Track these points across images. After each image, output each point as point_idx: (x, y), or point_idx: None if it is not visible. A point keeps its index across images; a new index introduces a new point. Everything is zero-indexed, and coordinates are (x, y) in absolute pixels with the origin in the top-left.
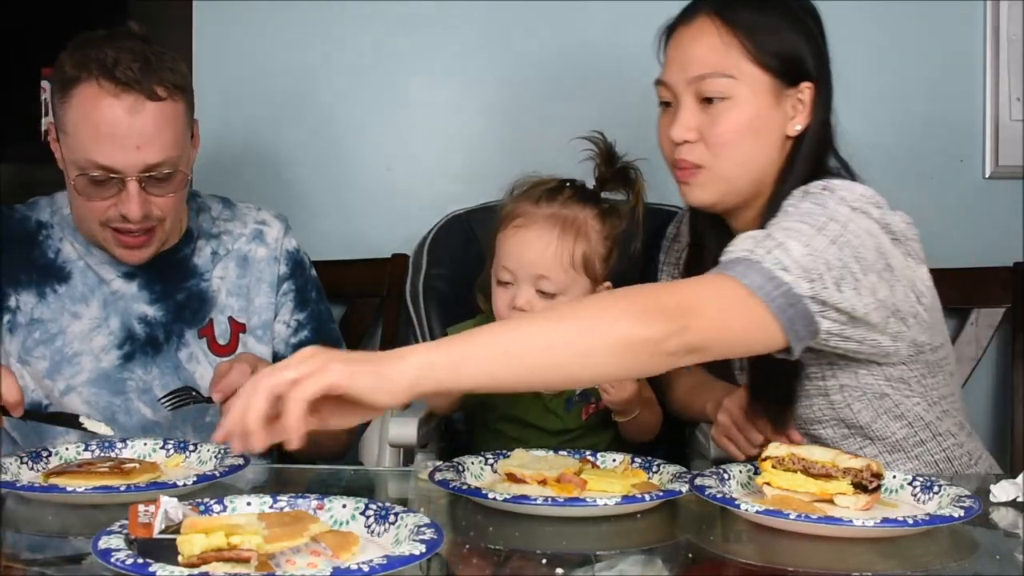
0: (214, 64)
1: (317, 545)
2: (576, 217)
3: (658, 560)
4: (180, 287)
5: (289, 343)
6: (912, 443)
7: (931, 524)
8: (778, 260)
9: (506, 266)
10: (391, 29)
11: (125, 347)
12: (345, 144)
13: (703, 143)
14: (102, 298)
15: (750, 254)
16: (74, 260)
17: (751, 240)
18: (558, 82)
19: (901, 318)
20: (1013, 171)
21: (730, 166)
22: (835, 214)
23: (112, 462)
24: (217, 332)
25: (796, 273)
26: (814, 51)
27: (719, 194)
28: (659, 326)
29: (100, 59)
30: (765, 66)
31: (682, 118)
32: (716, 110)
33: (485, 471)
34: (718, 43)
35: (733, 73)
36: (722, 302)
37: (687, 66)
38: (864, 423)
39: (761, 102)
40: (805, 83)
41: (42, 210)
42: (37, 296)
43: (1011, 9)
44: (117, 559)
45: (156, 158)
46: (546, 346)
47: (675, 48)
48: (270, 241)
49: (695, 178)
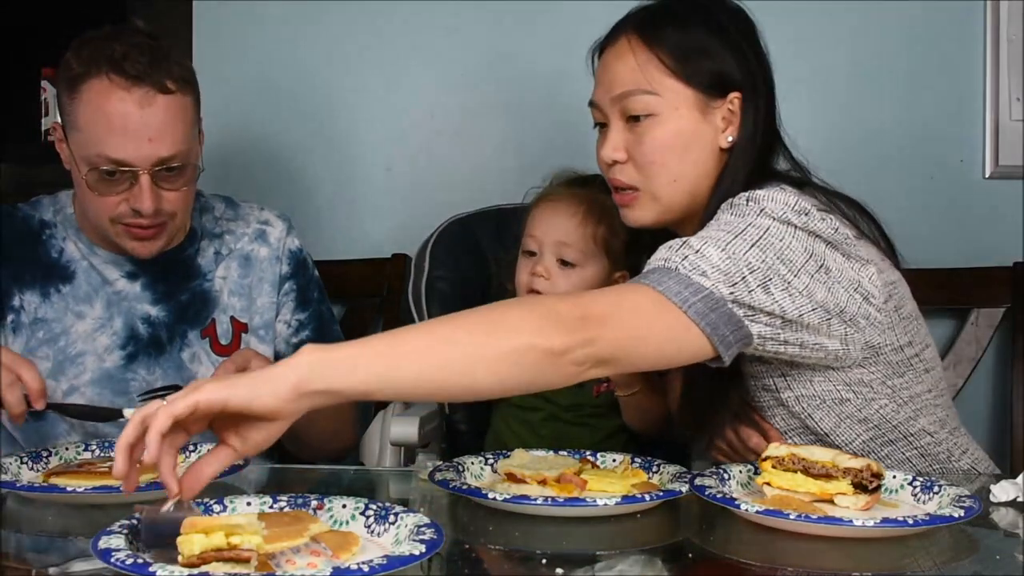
0: (214, 64)
1: (317, 545)
2: (604, 201)
3: (658, 560)
4: (183, 287)
5: (290, 343)
6: (879, 443)
7: (931, 524)
8: (695, 265)
9: (533, 234)
10: (391, 29)
11: (128, 347)
12: (345, 144)
13: (632, 163)
14: (105, 298)
15: (666, 262)
16: (77, 260)
17: (667, 249)
18: (558, 83)
19: (847, 320)
20: (1013, 171)
21: (661, 184)
22: (754, 221)
23: (112, 462)
24: (219, 332)
25: (715, 278)
26: (740, 60)
27: (656, 213)
28: (562, 337)
29: (108, 54)
30: (687, 81)
31: (610, 138)
32: (642, 128)
33: (485, 471)
34: (638, 61)
35: (655, 89)
36: (636, 312)
37: (611, 86)
38: (827, 430)
39: (686, 116)
40: (733, 93)
41: (45, 209)
42: (41, 296)
43: (1011, 9)
44: (117, 559)
45: (168, 151)
46: (442, 350)
47: (601, 68)
48: (272, 241)
49: (633, 200)
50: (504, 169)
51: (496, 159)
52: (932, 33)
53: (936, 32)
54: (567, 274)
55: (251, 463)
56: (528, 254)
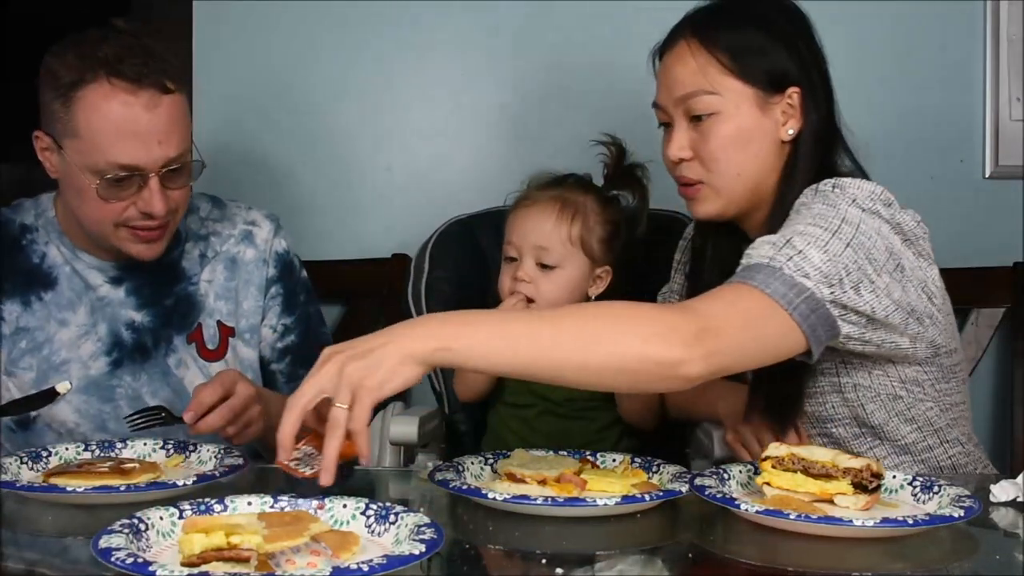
0: (214, 64)
1: (317, 545)
2: (576, 200)
3: (658, 560)
4: (168, 292)
5: (275, 348)
6: (920, 447)
7: (931, 524)
8: (799, 267)
9: (511, 241)
10: (391, 29)
11: (113, 354)
12: (345, 144)
13: (698, 160)
14: (89, 304)
15: (771, 261)
16: (60, 265)
17: (770, 246)
18: (559, 83)
19: (917, 318)
20: (1013, 171)
21: (726, 179)
22: (847, 215)
23: (112, 462)
24: (206, 336)
25: (816, 279)
26: (795, 56)
27: (721, 206)
28: (679, 350)
29: (102, 58)
30: (745, 79)
31: (676, 138)
32: (705, 126)
33: (485, 471)
34: (698, 63)
35: (716, 89)
36: (748, 318)
37: (673, 88)
38: (877, 423)
39: (747, 113)
40: (792, 88)
41: (26, 212)
42: (22, 305)
43: (1011, 9)
44: (117, 559)
45: (175, 151)
46: (552, 354)
47: (662, 71)
48: (259, 243)
49: (698, 194)
50: (504, 169)
51: (496, 159)
52: (932, 33)
53: (936, 32)
54: (549, 276)
55: (250, 464)
56: (509, 260)
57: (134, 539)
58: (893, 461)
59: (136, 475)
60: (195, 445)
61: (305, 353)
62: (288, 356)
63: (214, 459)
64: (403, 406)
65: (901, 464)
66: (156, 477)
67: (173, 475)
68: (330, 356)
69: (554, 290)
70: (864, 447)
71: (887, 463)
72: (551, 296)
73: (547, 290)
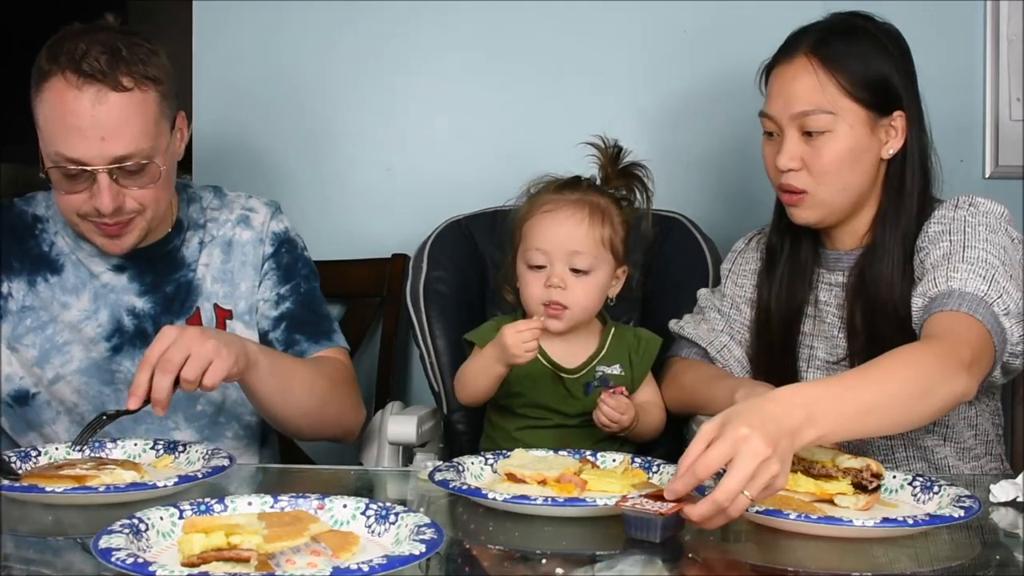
0: (214, 63)
1: (317, 545)
2: (599, 202)
3: (658, 560)
4: (169, 279)
5: (270, 317)
6: (971, 456)
7: (931, 524)
8: (1006, 306)
9: (539, 248)
10: (391, 29)
11: (114, 339)
12: (345, 144)
13: (806, 171)
14: (92, 291)
15: (985, 295)
16: (67, 253)
17: (984, 283)
18: (558, 83)
19: None
20: (1013, 171)
21: (832, 192)
22: (1002, 242)
23: (92, 463)
24: (203, 320)
25: (1015, 319)
26: (902, 80)
27: (821, 215)
28: (970, 381)
29: (70, 52)
30: (860, 101)
31: (787, 149)
32: (818, 143)
33: (485, 471)
34: (817, 82)
35: (832, 109)
36: (983, 344)
37: (790, 103)
38: (949, 422)
39: (858, 133)
40: (897, 111)
41: (39, 204)
42: (28, 284)
43: (1011, 9)
44: (117, 559)
45: (123, 150)
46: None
47: (777, 84)
48: (256, 225)
49: (801, 202)
50: (504, 170)
51: (496, 159)
52: (932, 33)
53: (936, 32)
54: (582, 281)
55: (235, 464)
56: (535, 268)
57: (134, 539)
58: (951, 463)
59: (107, 474)
60: (184, 446)
61: (301, 321)
62: (283, 323)
63: (202, 460)
64: (401, 406)
65: (956, 467)
66: (139, 477)
67: (157, 475)
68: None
69: (588, 294)
70: (929, 443)
71: (948, 461)
72: (584, 301)
73: (581, 295)
